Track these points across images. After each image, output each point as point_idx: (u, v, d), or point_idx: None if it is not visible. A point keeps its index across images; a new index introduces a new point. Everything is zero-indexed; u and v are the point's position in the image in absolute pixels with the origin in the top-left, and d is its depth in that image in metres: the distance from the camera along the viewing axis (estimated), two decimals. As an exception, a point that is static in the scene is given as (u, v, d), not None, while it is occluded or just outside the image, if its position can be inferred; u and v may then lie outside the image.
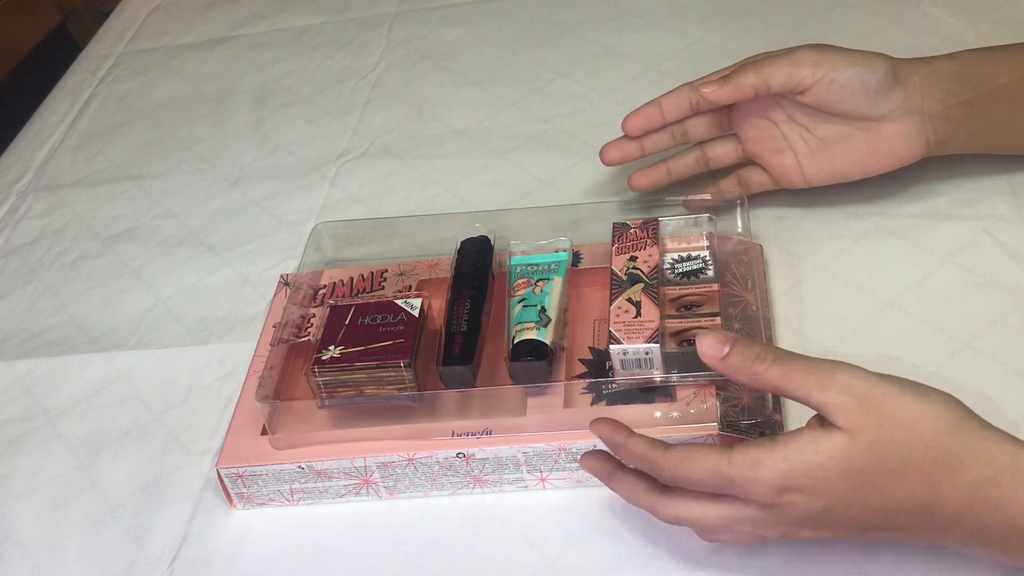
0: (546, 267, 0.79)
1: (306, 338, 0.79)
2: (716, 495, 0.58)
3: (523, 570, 0.68)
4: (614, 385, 0.71)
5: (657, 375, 0.70)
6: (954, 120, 0.78)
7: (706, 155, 0.86)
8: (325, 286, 0.85)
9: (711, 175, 0.87)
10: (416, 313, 0.76)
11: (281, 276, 0.91)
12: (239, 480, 0.74)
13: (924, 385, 0.56)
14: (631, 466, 0.64)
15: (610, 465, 0.64)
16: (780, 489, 0.55)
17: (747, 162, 0.85)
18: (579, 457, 0.67)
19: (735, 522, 0.58)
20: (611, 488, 0.65)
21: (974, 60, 0.79)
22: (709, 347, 0.58)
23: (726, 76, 0.78)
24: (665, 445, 0.60)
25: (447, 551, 0.70)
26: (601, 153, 0.85)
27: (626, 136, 0.84)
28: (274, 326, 0.83)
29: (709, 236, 0.79)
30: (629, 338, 0.70)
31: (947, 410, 0.55)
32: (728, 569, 0.65)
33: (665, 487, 0.61)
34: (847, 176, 0.81)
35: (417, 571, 0.70)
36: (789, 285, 0.81)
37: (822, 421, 0.56)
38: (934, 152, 0.79)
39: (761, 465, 0.55)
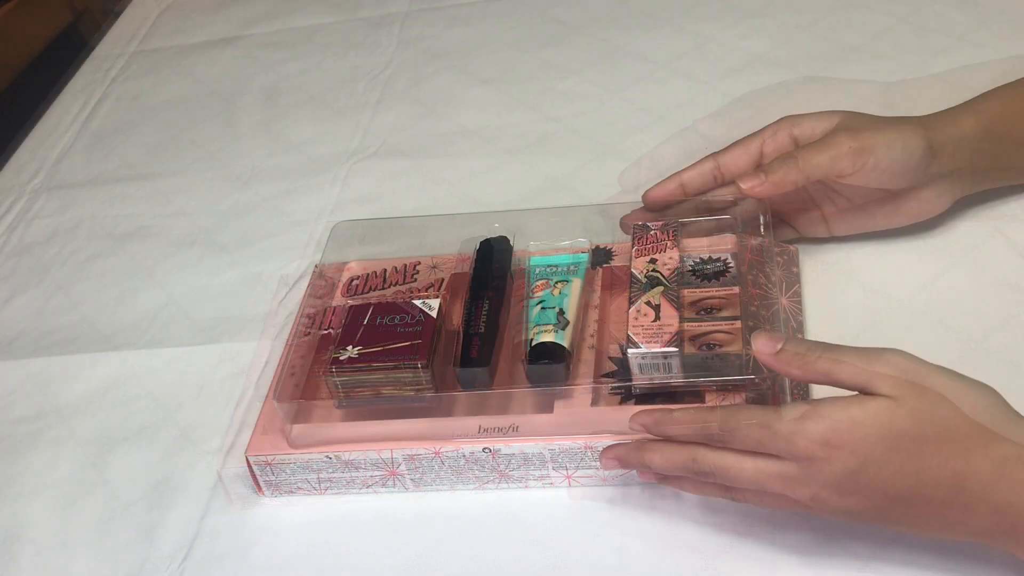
0: (565, 268, 0.79)
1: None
2: (756, 452, 0.60)
3: (530, 570, 0.68)
4: (635, 387, 0.71)
5: (675, 379, 0.70)
6: (979, 172, 0.79)
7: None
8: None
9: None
10: (433, 313, 0.76)
11: (280, 276, 0.92)
12: (268, 468, 0.74)
13: (966, 375, 0.58)
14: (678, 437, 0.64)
15: (634, 444, 0.66)
16: (822, 442, 0.57)
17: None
18: (600, 456, 0.68)
19: (769, 478, 0.60)
20: (645, 460, 0.65)
21: (1001, 112, 0.78)
22: (763, 344, 0.61)
23: (765, 169, 0.75)
24: (712, 407, 0.62)
25: (451, 550, 0.70)
26: (622, 221, 0.82)
27: (645, 208, 0.82)
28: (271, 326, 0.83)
29: (730, 238, 0.79)
30: (647, 342, 0.70)
31: (986, 394, 0.58)
32: (739, 571, 0.65)
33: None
34: (872, 229, 0.82)
35: (423, 571, 0.70)
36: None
37: (867, 393, 0.58)
38: (957, 198, 0.80)
39: (808, 417, 0.57)
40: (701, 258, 0.77)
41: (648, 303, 0.72)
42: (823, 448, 0.57)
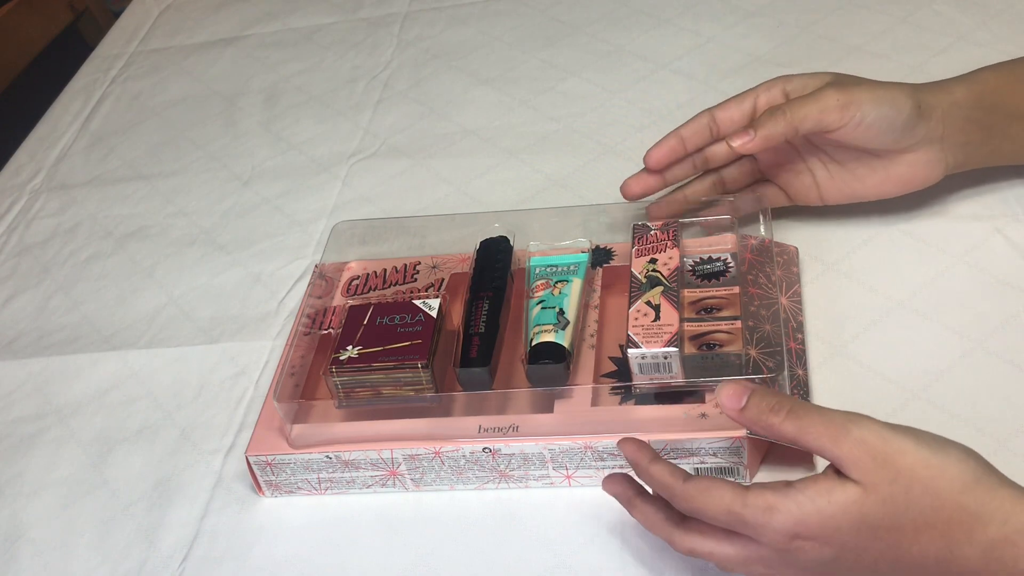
0: (565, 268, 0.79)
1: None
2: (731, 533, 0.58)
3: (530, 570, 0.68)
4: (635, 387, 0.71)
5: (675, 379, 0.70)
6: (973, 144, 0.78)
7: (723, 179, 0.84)
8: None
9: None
10: (433, 313, 0.76)
11: (280, 276, 0.92)
12: (268, 468, 0.74)
13: (942, 438, 0.55)
14: (651, 490, 0.63)
15: (631, 491, 0.64)
16: (791, 535, 0.55)
17: (762, 178, 0.85)
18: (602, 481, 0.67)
19: (749, 561, 0.58)
20: (631, 514, 0.64)
21: (995, 84, 0.78)
22: (728, 399, 0.59)
23: (754, 124, 0.75)
24: (685, 475, 0.59)
25: (451, 550, 0.71)
26: (623, 189, 0.82)
27: (647, 170, 0.82)
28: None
29: (730, 238, 0.79)
30: (648, 342, 0.70)
31: (964, 467, 0.53)
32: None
33: (683, 518, 0.61)
34: (864, 198, 0.81)
35: (423, 571, 0.70)
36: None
37: (838, 471, 0.55)
38: (951, 172, 0.80)
39: (774, 510, 0.55)
40: (701, 258, 0.77)
41: (648, 303, 0.72)
42: (793, 540, 0.55)
